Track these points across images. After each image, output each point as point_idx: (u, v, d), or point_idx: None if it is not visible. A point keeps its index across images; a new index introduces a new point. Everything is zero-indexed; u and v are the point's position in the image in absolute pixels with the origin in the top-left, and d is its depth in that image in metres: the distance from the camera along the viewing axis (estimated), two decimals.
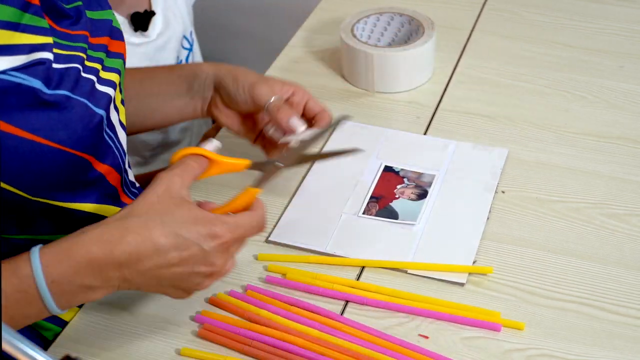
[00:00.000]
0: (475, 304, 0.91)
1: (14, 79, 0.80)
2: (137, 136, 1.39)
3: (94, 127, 0.86)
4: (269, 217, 1.02)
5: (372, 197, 1.05)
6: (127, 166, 1.01)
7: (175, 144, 1.45)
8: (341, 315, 0.91)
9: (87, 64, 0.88)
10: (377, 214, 1.02)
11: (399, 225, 1.01)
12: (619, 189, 1.05)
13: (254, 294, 0.93)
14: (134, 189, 1.02)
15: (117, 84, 0.93)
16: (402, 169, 1.09)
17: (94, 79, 0.88)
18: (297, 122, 0.99)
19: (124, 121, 0.97)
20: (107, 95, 0.89)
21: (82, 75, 0.86)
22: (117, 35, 0.95)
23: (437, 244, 0.98)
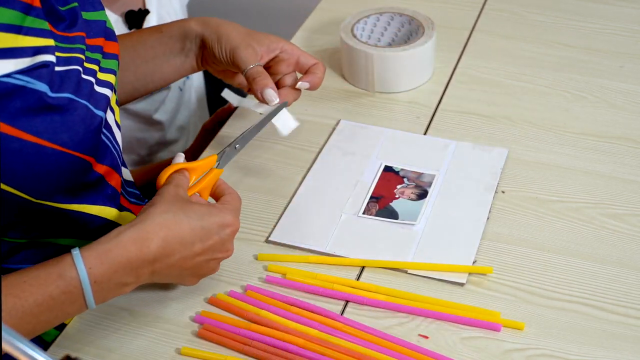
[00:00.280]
0: (475, 304, 0.91)
1: (18, 82, 0.80)
2: (134, 135, 1.39)
3: (94, 129, 0.86)
4: (269, 217, 1.02)
5: (372, 197, 1.05)
6: (123, 164, 1.01)
7: (172, 142, 1.45)
8: (341, 315, 0.91)
9: (86, 65, 0.88)
10: (377, 214, 1.02)
11: (399, 225, 1.01)
12: (619, 189, 1.05)
13: (253, 294, 0.93)
14: (130, 189, 1.02)
15: (114, 85, 0.93)
16: (402, 169, 1.09)
17: (93, 80, 0.88)
18: (271, 94, 1.01)
19: (119, 121, 0.97)
20: (105, 96, 0.89)
21: (83, 77, 0.86)
22: (111, 36, 0.96)
23: (437, 244, 0.98)
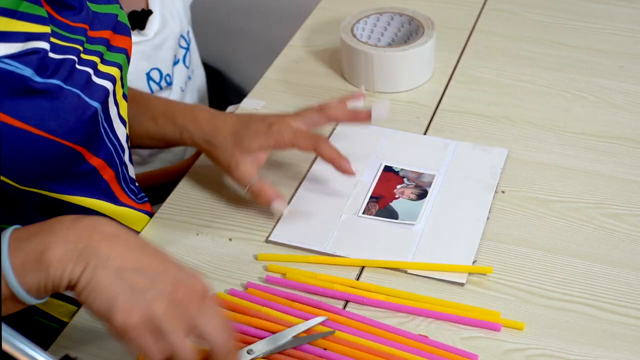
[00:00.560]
0: (475, 304, 0.91)
1: (6, 66, 0.79)
2: None
3: (87, 119, 0.86)
4: (268, 217, 1.02)
5: (372, 197, 1.05)
6: (129, 160, 1.01)
7: None
8: (344, 309, 0.90)
9: (83, 56, 0.87)
10: (377, 214, 1.02)
11: (398, 225, 1.01)
12: (619, 189, 1.05)
13: (254, 292, 0.93)
14: (132, 186, 1.02)
15: (118, 79, 0.92)
16: (402, 169, 1.09)
17: (91, 71, 0.88)
18: (279, 205, 1.00)
19: (125, 116, 0.96)
20: (104, 88, 0.89)
21: (77, 67, 0.86)
22: (122, 30, 0.95)
23: (437, 244, 0.98)
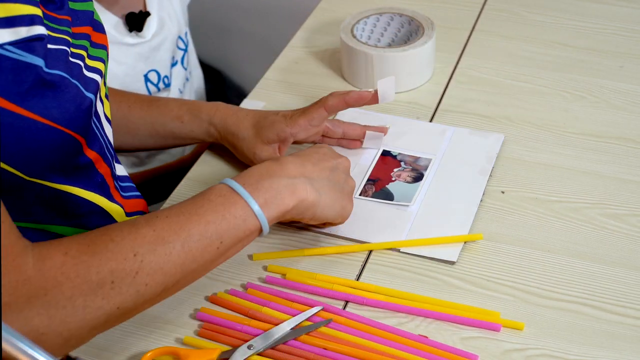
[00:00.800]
0: (475, 304, 0.91)
1: (11, 54, 0.78)
2: None
3: (85, 109, 0.86)
4: None
5: (369, 180, 1.07)
6: (116, 161, 1.01)
7: None
8: (343, 309, 0.91)
9: (72, 50, 0.87)
10: (373, 196, 1.04)
11: (394, 206, 1.03)
12: (619, 189, 1.05)
13: (254, 292, 0.93)
14: (122, 184, 1.02)
15: (104, 74, 0.92)
16: (400, 153, 1.10)
17: (81, 64, 0.88)
18: None
19: (109, 115, 0.97)
20: (95, 81, 0.89)
21: (70, 59, 0.86)
22: (98, 27, 0.95)
23: (430, 223, 1.00)
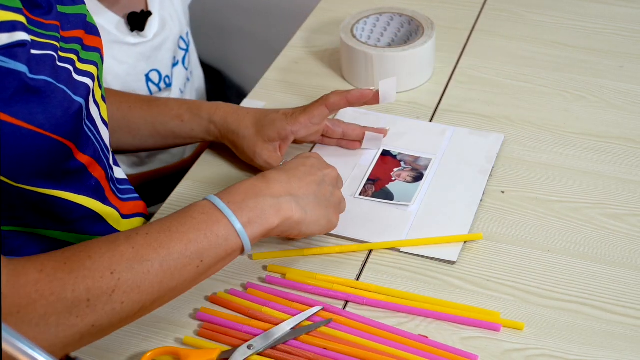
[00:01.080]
0: (475, 304, 0.91)
1: (2, 64, 0.78)
2: None
3: (73, 114, 0.85)
4: None
5: (369, 180, 1.07)
6: (113, 163, 1.01)
7: None
8: (343, 309, 0.91)
9: (60, 54, 0.87)
10: (373, 195, 1.04)
11: (393, 206, 1.03)
12: (619, 189, 1.05)
13: (254, 292, 0.93)
14: (121, 186, 1.02)
15: (95, 77, 0.92)
16: (400, 153, 1.11)
17: (70, 68, 0.87)
18: None
19: (106, 117, 0.96)
20: (85, 85, 0.89)
21: (58, 64, 0.85)
22: (92, 30, 0.94)
23: (430, 223, 1.00)
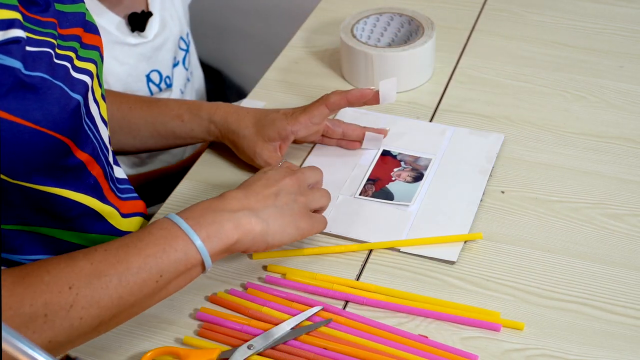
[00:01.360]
0: (475, 304, 0.91)
1: None
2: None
3: (71, 111, 0.85)
4: None
5: (369, 180, 1.07)
6: (114, 162, 1.01)
7: None
8: (343, 309, 0.91)
9: (58, 51, 0.87)
10: (373, 195, 1.05)
11: (393, 206, 1.03)
12: (619, 189, 1.05)
13: (254, 292, 0.93)
14: (121, 186, 1.02)
15: (95, 76, 0.92)
16: (400, 153, 1.11)
17: (68, 65, 0.87)
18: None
19: (106, 116, 0.96)
20: (84, 82, 0.88)
21: (55, 61, 0.85)
22: (91, 28, 0.94)
23: (430, 223, 1.00)
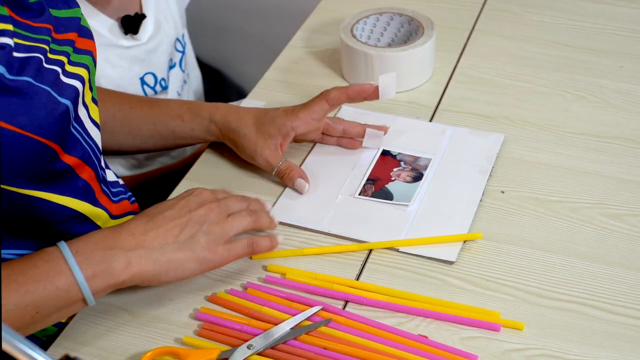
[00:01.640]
0: (475, 304, 0.91)
1: None
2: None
3: (58, 116, 0.85)
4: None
5: (368, 179, 1.07)
6: (104, 165, 1.00)
7: None
8: (343, 309, 0.91)
9: (50, 56, 0.87)
10: (373, 195, 1.05)
11: (393, 205, 1.03)
12: (619, 189, 1.05)
13: (254, 292, 0.93)
14: (113, 189, 1.02)
15: (86, 80, 0.92)
16: (400, 153, 1.11)
17: (59, 70, 0.87)
18: (301, 183, 1.05)
19: (96, 119, 0.96)
20: (74, 87, 0.88)
21: (45, 65, 0.85)
22: (85, 33, 0.94)
23: (429, 223, 1.00)
